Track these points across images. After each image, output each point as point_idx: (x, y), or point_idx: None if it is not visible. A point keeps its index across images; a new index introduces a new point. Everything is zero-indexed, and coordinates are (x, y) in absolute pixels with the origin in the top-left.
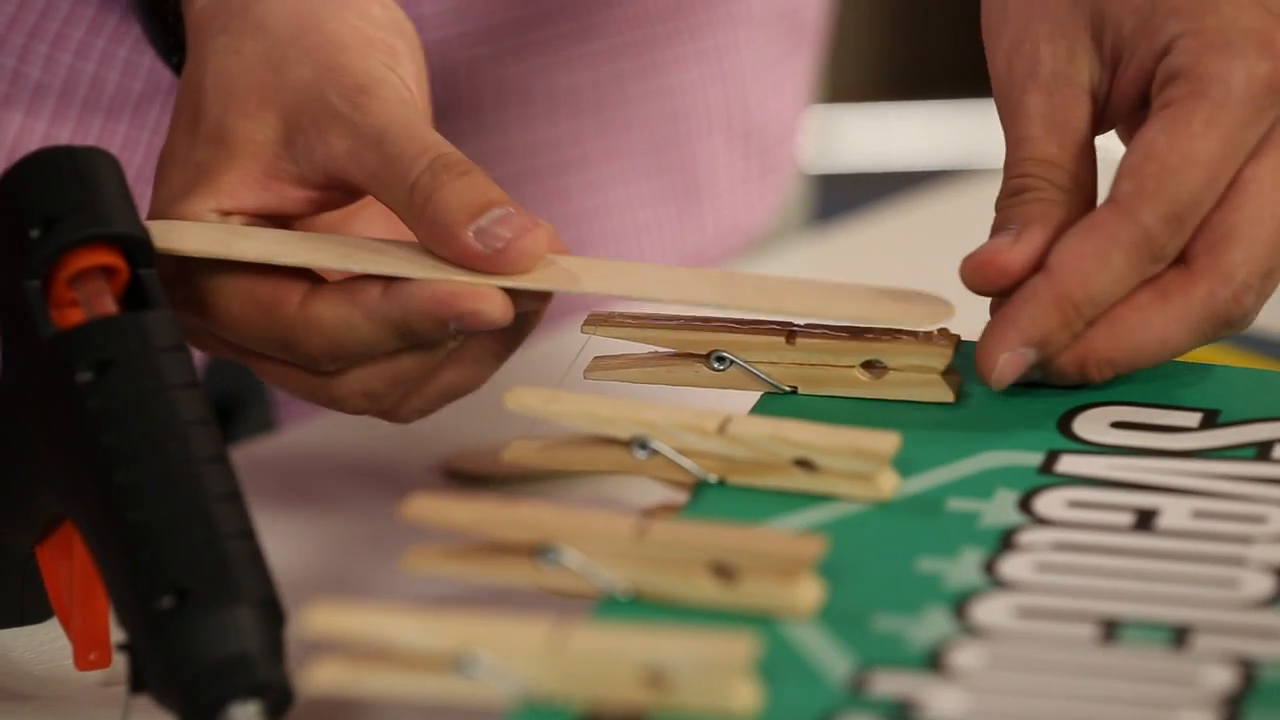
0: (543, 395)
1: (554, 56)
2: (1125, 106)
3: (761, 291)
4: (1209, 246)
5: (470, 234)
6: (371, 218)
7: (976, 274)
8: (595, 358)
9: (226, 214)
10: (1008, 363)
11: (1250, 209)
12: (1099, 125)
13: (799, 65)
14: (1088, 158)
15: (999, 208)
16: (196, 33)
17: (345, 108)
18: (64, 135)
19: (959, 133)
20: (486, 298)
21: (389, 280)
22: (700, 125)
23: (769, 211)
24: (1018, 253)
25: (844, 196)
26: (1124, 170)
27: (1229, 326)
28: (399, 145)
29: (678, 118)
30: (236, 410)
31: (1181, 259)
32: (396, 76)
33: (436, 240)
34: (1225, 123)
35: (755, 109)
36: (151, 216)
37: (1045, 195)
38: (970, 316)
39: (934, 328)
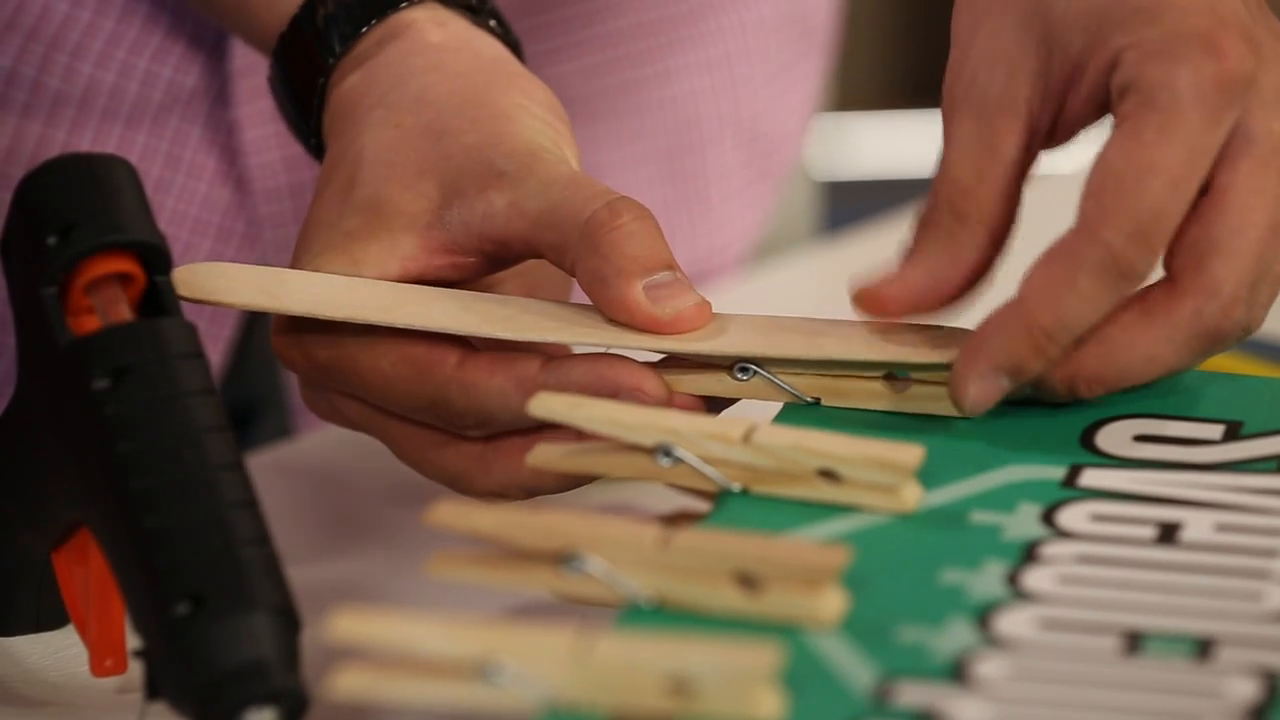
0: (567, 401)
1: (568, 65)
2: (1082, 124)
3: (806, 335)
4: (1192, 262)
5: (640, 286)
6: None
7: (858, 304)
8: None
9: None
10: (980, 390)
11: (1230, 219)
12: (1047, 144)
13: (807, 71)
14: (1006, 182)
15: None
16: (348, 108)
17: (510, 166)
18: (83, 145)
19: None
20: (649, 376)
21: (548, 355)
22: (711, 132)
23: (765, 214)
24: (894, 288)
25: (855, 204)
26: (1085, 193)
27: (1221, 341)
28: (568, 191)
29: (689, 125)
30: (253, 417)
31: (1168, 275)
32: (561, 151)
33: (603, 280)
34: (1179, 129)
35: (763, 115)
36: None
37: (945, 229)
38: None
39: None
